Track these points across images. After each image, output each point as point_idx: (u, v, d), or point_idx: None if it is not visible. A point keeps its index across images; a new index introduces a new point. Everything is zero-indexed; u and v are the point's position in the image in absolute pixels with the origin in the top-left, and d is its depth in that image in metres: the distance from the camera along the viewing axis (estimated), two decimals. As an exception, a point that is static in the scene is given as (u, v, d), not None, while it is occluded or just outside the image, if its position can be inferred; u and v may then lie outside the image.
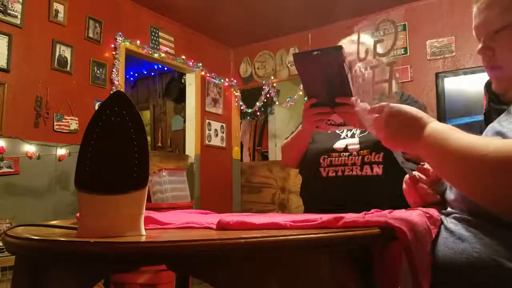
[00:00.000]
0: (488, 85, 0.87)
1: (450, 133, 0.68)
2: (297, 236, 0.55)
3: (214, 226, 0.69)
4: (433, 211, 0.81)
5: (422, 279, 0.63)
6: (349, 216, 0.65)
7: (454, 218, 0.77)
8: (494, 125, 0.78)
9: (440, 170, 0.72)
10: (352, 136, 1.40)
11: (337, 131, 1.44)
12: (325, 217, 0.66)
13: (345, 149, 1.35)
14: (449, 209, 0.83)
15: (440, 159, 0.69)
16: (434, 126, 0.71)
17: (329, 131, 1.39)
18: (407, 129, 0.73)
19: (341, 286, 0.62)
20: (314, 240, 0.55)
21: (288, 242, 0.54)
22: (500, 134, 0.72)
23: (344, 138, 1.41)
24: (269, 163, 4.76)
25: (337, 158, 1.35)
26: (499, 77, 0.80)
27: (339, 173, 1.32)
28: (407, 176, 0.95)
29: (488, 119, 0.88)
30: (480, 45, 0.81)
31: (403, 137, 0.75)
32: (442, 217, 0.81)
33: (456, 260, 0.69)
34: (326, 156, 1.38)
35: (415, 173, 0.93)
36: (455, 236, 0.72)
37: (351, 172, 1.29)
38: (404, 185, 0.96)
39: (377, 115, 0.78)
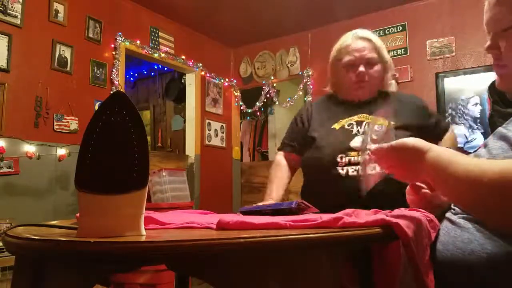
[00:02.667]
0: (491, 88, 0.88)
1: (449, 160, 0.69)
2: (296, 236, 0.55)
3: (214, 226, 0.69)
4: (433, 217, 0.81)
5: (425, 276, 0.64)
6: (349, 212, 0.65)
7: (463, 218, 0.78)
8: (501, 130, 0.78)
9: (446, 196, 0.74)
10: (364, 133, 1.38)
11: (346, 126, 1.44)
12: (325, 217, 0.66)
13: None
14: (457, 208, 0.83)
15: (444, 186, 0.71)
16: (433, 156, 0.72)
17: None
18: (409, 162, 0.76)
19: (341, 286, 0.62)
20: (313, 240, 0.55)
21: (288, 241, 0.54)
22: (505, 139, 0.72)
23: (356, 134, 1.41)
24: (269, 163, 4.76)
25: (355, 158, 1.34)
26: (504, 75, 0.80)
27: (360, 172, 1.30)
28: (408, 187, 0.95)
29: (492, 123, 0.88)
30: (488, 42, 0.81)
31: (408, 169, 0.78)
32: (449, 214, 0.81)
33: (466, 259, 0.69)
34: (343, 155, 1.37)
35: None
36: (464, 233, 0.73)
37: (374, 171, 1.27)
38: (407, 196, 0.96)
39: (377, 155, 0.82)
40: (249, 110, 4.77)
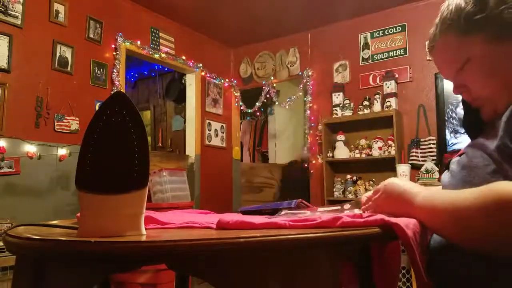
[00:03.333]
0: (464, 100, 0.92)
1: (436, 200, 0.70)
2: (296, 235, 0.55)
3: (214, 226, 0.70)
4: None
5: (426, 275, 0.64)
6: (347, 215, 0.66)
7: None
8: (480, 140, 0.79)
9: (437, 232, 0.75)
10: None
11: None
12: (324, 217, 0.66)
13: None
14: None
15: (433, 226, 0.72)
16: (420, 201, 0.73)
17: None
18: (398, 207, 0.77)
19: (341, 285, 0.62)
20: (313, 240, 0.55)
21: (287, 241, 0.54)
22: (483, 148, 0.74)
23: None
24: (269, 164, 4.76)
25: None
26: (481, 105, 0.84)
27: None
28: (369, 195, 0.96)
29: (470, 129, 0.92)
30: (453, 86, 0.87)
31: (398, 213, 0.79)
32: None
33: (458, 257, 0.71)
34: None
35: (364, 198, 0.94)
36: None
37: None
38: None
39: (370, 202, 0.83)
40: (249, 110, 4.78)
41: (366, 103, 3.78)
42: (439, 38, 0.84)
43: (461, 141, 3.35)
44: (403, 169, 3.35)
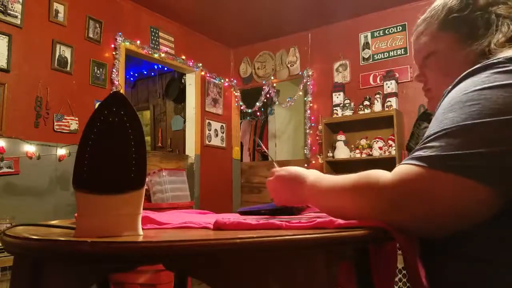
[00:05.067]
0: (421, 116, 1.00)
1: (322, 179, 0.75)
2: (293, 236, 0.55)
3: (211, 226, 0.70)
4: None
5: (423, 277, 0.64)
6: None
7: None
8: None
9: (322, 210, 0.78)
10: None
11: None
12: (322, 217, 0.66)
13: None
14: None
15: (317, 204, 0.78)
16: (312, 178, 0.78)
17: None
18: (292, 191, 0.82)
19: (338, 285, 0.62)
20: (310, 240, 0.55)
21: (284, 242, 0.54)
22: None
23: None
24: (269, 164, 4.76)
25: None
26: (430, 97, 0.91)
27: None
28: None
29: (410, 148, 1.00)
30: (416, 72, 0.92)
31: (289, 196, 0.84)
32: None
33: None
34: None
35: None
36: None
37: None
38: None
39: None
40: (249, 110, 4.78)
41: (366, 103, 3.78)
42: (420, 24, 0.88)
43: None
44: (403, 169, 3.34)
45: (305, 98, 4.33)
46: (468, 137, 0.57)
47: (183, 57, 4.11)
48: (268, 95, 4.56)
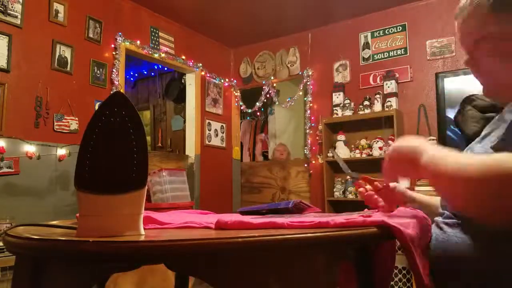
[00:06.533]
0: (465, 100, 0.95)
1: (440, 160, 0.70)
2: (294, 235, 0.55)
3: (213, 226, 0.70)
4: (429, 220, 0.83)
5: (425, 276, 0.64)
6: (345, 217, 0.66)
7: (445, 223, 0.81)
8: (485, 132, 0.81)
9: (441, 190, 0.75)
10: None
11: None
12: (323, 217, 0.67)
13: None
14: (446, 212, 0.85)
15: (437, 180, 0.73)
16: (428, 157, 0.73)
17: None
18: (406, 166, 0.78)
19: (339, 284, 0.62)
20: (311, 239, 0.55)
21: (286, 241, 0.54)
22: (484, 136, 0.76)
23: None
24: (269, 163, 4.77)
25: None
26: (485, 84, 0.84)
27: None
28: (361, 180, 0.99)
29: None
30: (465, 57, 0.85)
31: (403, 170, 0.80)
32: (437, 218, 0.83)
33: (453, 264, 0.71)
34: None
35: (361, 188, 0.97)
36: (449, 238, 0.76)
37: None
38: (359, 188, 0.99)
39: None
40: (249, 110, 4.78)
41: (366, 103, 3.78)
42: (467, 6, 0.81)
43: (461, 140, 3.35)
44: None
45: (305, 98, 4.33)
46: None
47: (183, 57, 4.11)
48: (268, 95, 4.56)
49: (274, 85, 4.58)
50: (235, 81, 4.82)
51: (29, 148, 2.71)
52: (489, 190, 0.60)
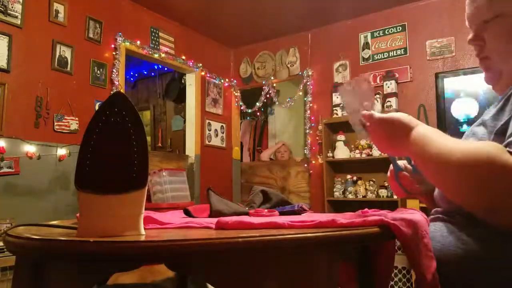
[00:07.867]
0: None
1: (430, 139, 0.69)
2: (294, 235, 0.55)
3: (213, 226, 0.70)
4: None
5: (427, 274, 0.64)
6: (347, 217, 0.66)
7: (432, 219, 0.81)
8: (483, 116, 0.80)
9: (423, 172, 0.74)
10: None
11: None
12: (323, 217, 0.67)
13: None
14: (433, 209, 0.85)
15: (421, 163, 0.72)
16: (417, 133, 0.72)
17: None
18: (394, 136, 0.76)
19: (339, 284, 0.62)
20: (311, 239, 0.56)
21: (286, 241, 0.54)
22: (483, 123, 0.74)
23: None
24: (269, 163, 4.76)
25: None
26: (487, 68, 0.82)
27: None
28: (388, 174, 0.98)
29: None
30: (471, 35, 0.83)
31: (390, 143, 0.79)
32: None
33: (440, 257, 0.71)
34: None
35: (401, 162, 0.94)
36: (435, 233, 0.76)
37: None
38: (388, 173, 0.98)
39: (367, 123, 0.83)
40: (249, 110, 4.78)
41: (366, 103, 3.78)
42: None
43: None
44: (403, 169, 3.34)
45: (305, 98, 4.33)
46: None
47: (183, 57, 4.11)
48: (268, 95, 4.56)
49: (274, 85, 4.58)
50: (235, 81, 4.82)
51: (29, 148, 2.71)
52: (469, 181, 0.61)
